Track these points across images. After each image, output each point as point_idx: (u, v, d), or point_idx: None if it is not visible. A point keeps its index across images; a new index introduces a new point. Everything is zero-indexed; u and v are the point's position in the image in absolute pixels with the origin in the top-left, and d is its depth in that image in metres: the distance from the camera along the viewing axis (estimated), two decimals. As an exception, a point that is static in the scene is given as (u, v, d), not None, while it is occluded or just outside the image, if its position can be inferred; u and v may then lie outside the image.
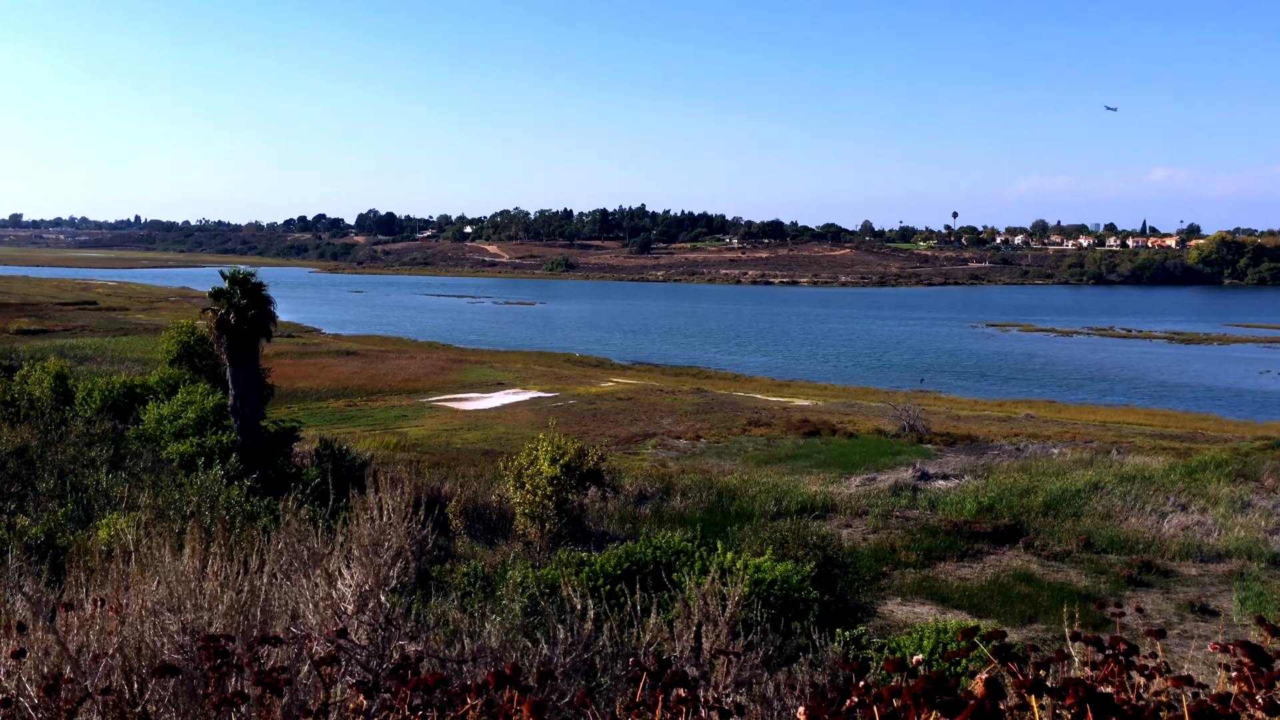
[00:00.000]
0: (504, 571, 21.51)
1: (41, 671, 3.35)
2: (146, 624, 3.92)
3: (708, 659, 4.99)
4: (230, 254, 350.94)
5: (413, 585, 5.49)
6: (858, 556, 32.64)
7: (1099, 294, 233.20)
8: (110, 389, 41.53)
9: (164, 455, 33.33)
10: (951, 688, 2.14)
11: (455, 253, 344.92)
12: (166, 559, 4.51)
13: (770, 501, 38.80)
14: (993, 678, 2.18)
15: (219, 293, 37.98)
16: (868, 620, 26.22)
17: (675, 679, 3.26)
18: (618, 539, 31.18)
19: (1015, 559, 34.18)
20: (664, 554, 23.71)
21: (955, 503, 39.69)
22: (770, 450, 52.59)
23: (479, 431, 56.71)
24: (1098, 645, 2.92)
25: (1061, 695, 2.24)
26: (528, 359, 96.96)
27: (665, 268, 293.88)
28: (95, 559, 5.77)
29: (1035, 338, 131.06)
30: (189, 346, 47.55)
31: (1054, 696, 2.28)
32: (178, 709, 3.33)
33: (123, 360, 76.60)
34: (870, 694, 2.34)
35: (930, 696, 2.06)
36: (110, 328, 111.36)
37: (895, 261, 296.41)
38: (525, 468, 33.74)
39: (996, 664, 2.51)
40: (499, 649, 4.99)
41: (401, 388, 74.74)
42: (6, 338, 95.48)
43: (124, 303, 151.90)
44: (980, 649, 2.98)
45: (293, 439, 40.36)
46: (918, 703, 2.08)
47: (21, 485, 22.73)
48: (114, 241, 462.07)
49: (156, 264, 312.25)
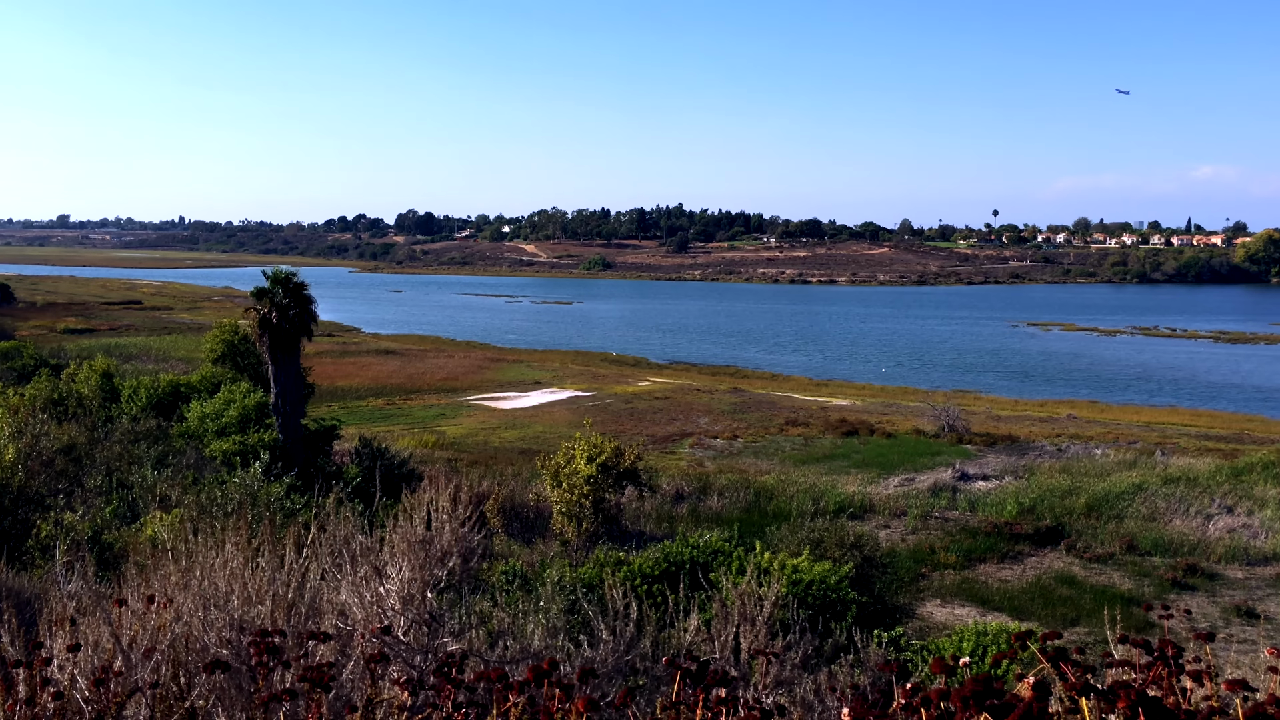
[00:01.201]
0: (542, 570, 21.59)
1: (93, 664, 3.42)
2: (194, 619, 3.98)
3: (747, 659, 4.99)
4: (272, 254, 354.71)
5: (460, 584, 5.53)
6: (896, 557, 32.43)
7: (1143, 293, 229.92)
8: (155, 387, 42.12)
9: (207, 453, 33.77)
10: (999, 690, 2.12)
11: (493, 252, 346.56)
12: (213, 555, 4.58)
13: (808, 501, 38.63)
14: (1041, 680, 2.16)
15: (261, 292, 38.42)
16: (906, 622, 26.04)
17: (715, 679, 3.26)
18: (655, 538, 31.19)
19: (1057, 561, 33.80)
20: (701, 554, 23.70)
21: (996, 504, 39.31)
22: (808, 450, 52.37)
23: (516, 430, 56.95)
24: (1145, 648, 2.88)
25: (1111, 698, 2.21)
26: (565, 358, 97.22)
27: (702, 267, 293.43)
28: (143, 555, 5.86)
29: (1078, 337, 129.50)
30: (232, 345, 48.15)
31: (1103, 699, 2.25)
32: (224, 703, 3.39)
33: (167, 359, 77.72)
34: (917, 696, 2.32)
35: (979, 699, 2.04)
36: (155, 327, 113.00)
37: (935, 260, 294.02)
38: (562, 466, 33.84)
39: (1046, 666, 2.48)
40: (541, 649, 5.01)
41: (440, 386, 75.21)
42: (54, 336, 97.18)
43: (168, 302, 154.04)
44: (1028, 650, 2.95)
45: (333, 437, 40.75)
46: (966, 705, 2.06)
47: (69, 482, 23.12)
48: (159, 242, 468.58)
49: (200, 264, 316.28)
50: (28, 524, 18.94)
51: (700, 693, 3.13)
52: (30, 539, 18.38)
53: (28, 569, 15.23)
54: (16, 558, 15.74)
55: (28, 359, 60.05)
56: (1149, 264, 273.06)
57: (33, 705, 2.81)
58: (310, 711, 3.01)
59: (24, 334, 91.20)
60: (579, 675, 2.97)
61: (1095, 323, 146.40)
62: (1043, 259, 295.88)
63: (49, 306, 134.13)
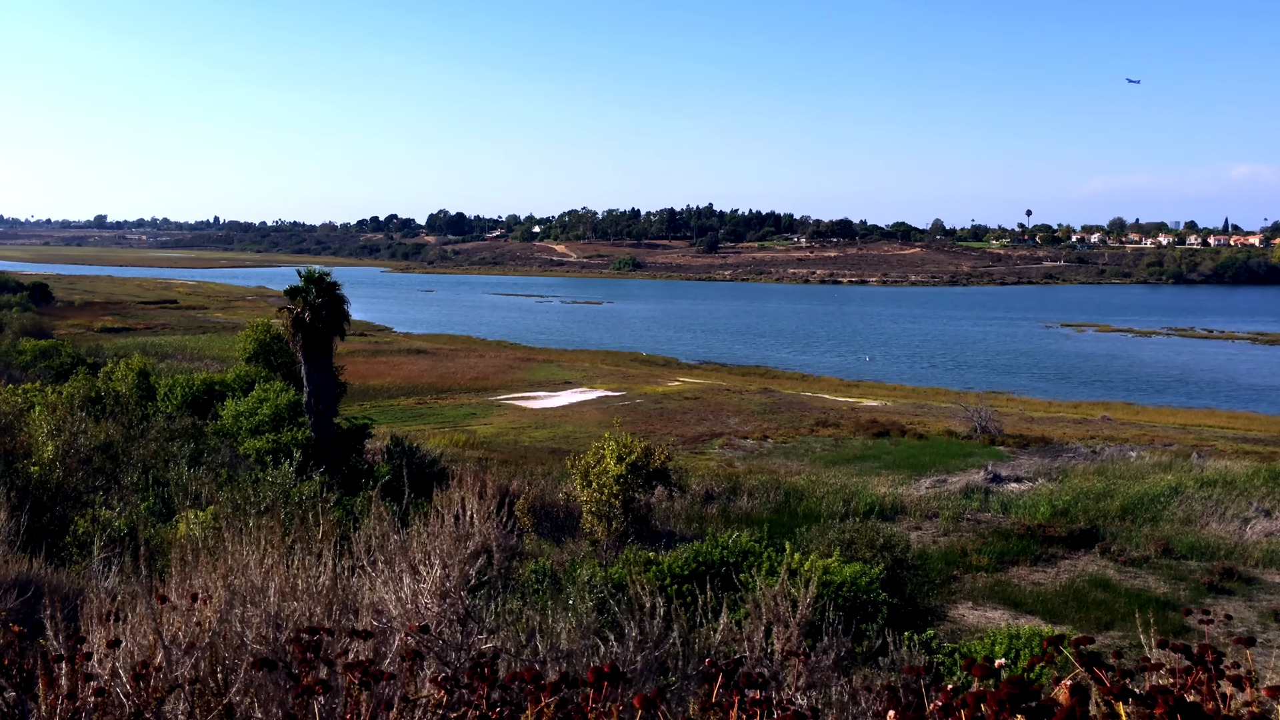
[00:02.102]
0: (572, 569, 21.63)
1: (133, 660, 3.46)
2: (232, 615, 4.03)
3: (779, 660, 4.98)
4: (305, 254, 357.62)
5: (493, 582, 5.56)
6: (927, 559, 32.21)
7: (1179, 293, 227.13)
8: (190, 386, 42.54)
9: (241, 451, 34.07)
10: (1036, 693, 2.10)
11: (524, 252, 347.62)
12: (250, 552, 4.63)
13: (838, 502, 38.46)
14: (1078, 683, 2.14)
15: (295, 291, 38.73)
16: (938, 624, 25.86)
17: (749, 680, 3.26)
18: (684, 538, 31.16)
19: (1091, 564, 33.46)
20: (731, 554, 23.65)
21: (1029, 506, 38.97)
22: (838, 451, 52.15)
23: (546, 430, 57.08)
24: (1185, 653, 2.85)
25: (1150, 703, 2.19)
26: (595, 358, 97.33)
27: (732, 267, 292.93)
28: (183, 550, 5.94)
29: (1113, 338, 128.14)
30: (265, 344, 48.54)
31: (1142, 704, 2.22)
32: (261, 699, 3.42)
33: (202, 358, 78.53)
34: (955, 698, 2.31)
35: (1016, 702, 2.03)
36: (190, 326, 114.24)
37: (967, 260, 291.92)
38: (592, 466, 33.87)
39: (1082, 670, 2.46)
40: (572, 648, 5.03)
41: (470, 386, 75.53)
42: (92, 335, 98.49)
43: (203, 301, 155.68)
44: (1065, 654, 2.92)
45: (365, 436, 40.99)
46: (1003, 708, 2.04)
47: (106, 479, 23.40)
48: (194, 242, 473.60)
49: (234, 264, 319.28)
50: (65, 520, 19.20)
51: (735, 693, 3.13)
52: (68, 535, 18.62)
53: (65, 565, 15.44)
54: (55, 553, 15.96)
55: (65, 357, 60.91)
56: (1185, 264, 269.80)
57: (74, 700, 2.85)
58: (348, 708, 3.03)
59: (62, 333, 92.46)
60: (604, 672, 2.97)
61: (1130, 324, 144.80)
62: (1077, 259, 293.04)
63: (86, 306, 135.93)
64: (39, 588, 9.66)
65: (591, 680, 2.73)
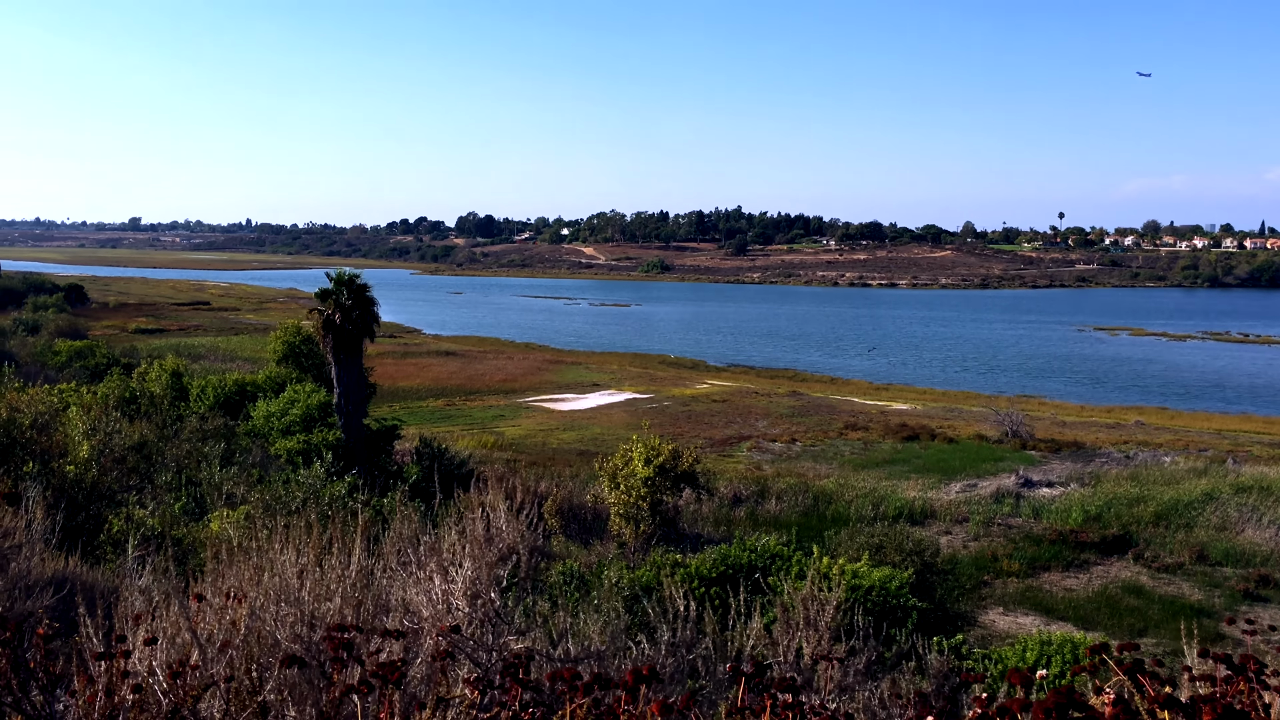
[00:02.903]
0: (599, 571, 21.64)
1: (169, 658, 3.49)
2: (266, 614, 4.06)
3: (809, 664, 4.95)
4: (335, 256, 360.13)
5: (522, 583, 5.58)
6: (958, 564, 32.00)
7: (1214, 297, 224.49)
8: (222, 387, 42.93)
9: (272, 451, 34.35)
10: (1084, 703, 2.07)
11: (552, 254, 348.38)
12: (282, 551, 4.66)
13: (867, 506, 38.28)
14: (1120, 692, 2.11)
15: (325, 293, 39.01)
16: (968, 630, 25.68)
17: (780, 684, 3.24)
18: (712, 541, 31.12)
19: (1124, 570, 33.11)
20: (759, 557, 23.58)
21: (1061, 511, 38.62)
22: (867, 454, 51.90)
23: (574, 432, 57.17)
24: (1226, 662, 2.81)
25: (1194, 713, 2.15)
26: (623, 360, 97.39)
27: (761, 270, 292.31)
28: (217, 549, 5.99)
29: (1147, 342, 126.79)
30: (295, 346, 48.91)
31: (1187, 714, 2.19)
32: (294, 698, 3.45)
33: (234, 359, 79.24)
34: (993, 707, 2.28)
35: (1062, 712, 2.00)
36: (222, 327, 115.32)
37: (998, 263, 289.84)
38: (620, 468, 33.87)
39: (1123, 678, 2.43)
40: (603, 649, 5.03)
41: (499, 388, 75.77)
42: (126, 336, 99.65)
43: (235, 303, 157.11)
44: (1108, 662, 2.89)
45: (394, 437, 41.21)
46: (1049, 717, 2.01)
47: (140, 479, 23.65)
48: (226, 244, 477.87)
49: (266, 265, 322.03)
50: (100, 519, 19.40)
51: (766, 698, 3.11)
52: (102, 534, 18.82)
53: (100, 563, 15.60)
54: (90, 552, 16.14)
55: (100, 358, 61.66)
56: (1221, 267, 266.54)
57: (112, 696, 2.88)
58: (382, 708, 3.05)
59: (97, 334, 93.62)
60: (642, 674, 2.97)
61: (1165, 328, 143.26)
62: (1110, 262, 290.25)
63: (121, 307, 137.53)
64: (74, 585, 9.76)
65: (630, 682, 2.73)
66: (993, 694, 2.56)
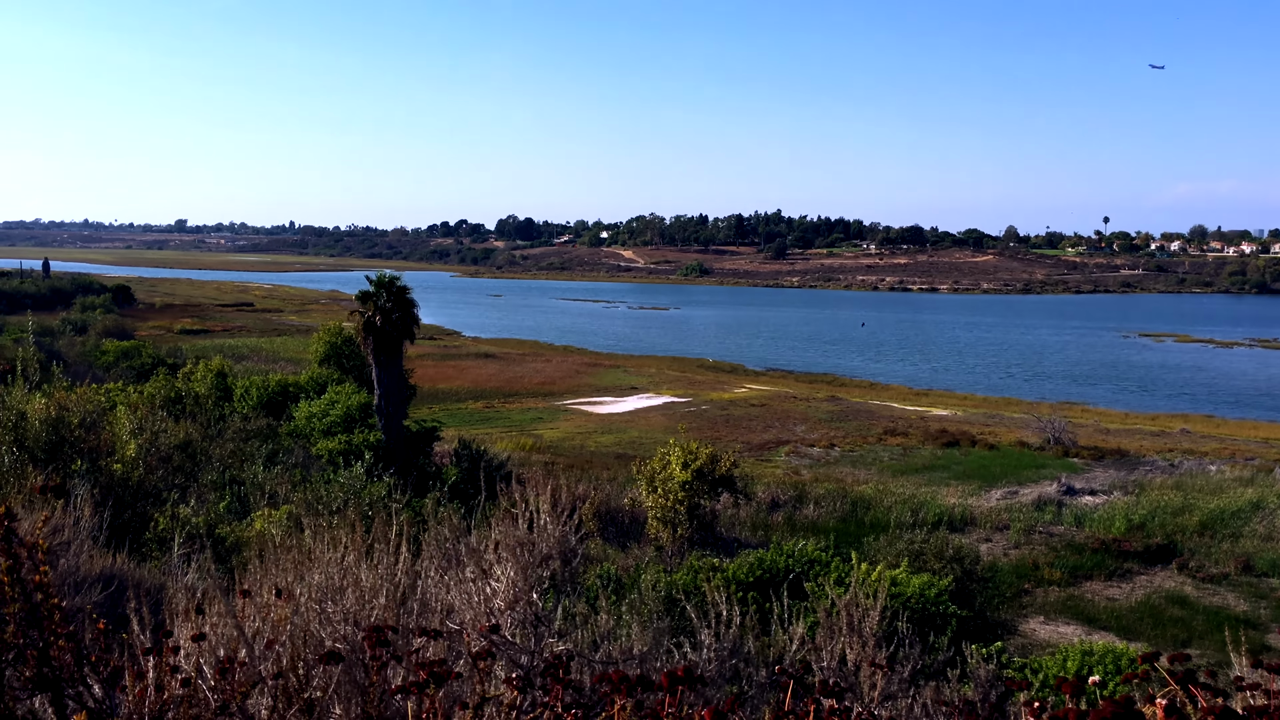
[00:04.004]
0: (637, 574, 21.65)
1: (217, 655, 3.54)
2: (311, 613, 4.10)
3: (852, 671, 4.93)
4: (377, 258, 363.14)
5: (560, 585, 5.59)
6: (998, 572, 31.68)
7: (1263, 303, 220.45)
8: (265, 387, 43.43)
9: (313, 451, 34.69)
10: (1138, 712, 2.04)
11: (591, 257, 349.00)
12: (328, 551, 4.71)
13: (906, 512, 37.99)
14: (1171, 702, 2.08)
15: (365, 295, 39.35)
16: (1008, 638, 25.42)
17: (824, 689, 3.23)
18: (749, 546, 31.04)
19: (1168, 580, 32.61)
20: (797, 562, 23.49)
21: (1103, 519, 38.11)
22: (906, 460, 51.51)
23: (612, 435, 57.21)
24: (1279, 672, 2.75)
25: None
26: (661, 364, 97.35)
27: (800, 274, 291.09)
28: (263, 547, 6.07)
29: (1193, 349, 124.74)
30: (337, 347, 49.40)
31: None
32: (340, 696, 3.48)
33: (276, 359, 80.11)
34: (1044, 716, 2.25)
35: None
36: (265, 328, 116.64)
37: (1041, 268, 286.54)
38: (658, 472, 33.87)
39: (1175, 688, 2.39)
40: (645, 651, 5.03)
41: (537, 390, 76.00)
42: (171, 337, 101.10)
43: (278, 304, 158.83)
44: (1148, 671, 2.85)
45: (433, 438, 41.47)
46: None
47: (184, 478, 23.97)
48: (270, 246, 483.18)
49: (308, 267, 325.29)
50: (146, 517, 19.68)
51: (810, 702, 3.10)
52: (148, 531, 19.09)
53: (146, 560, 15.83)
54: (136, 549, 16.38)
55: (146, 358, 62.62)
56: (1269, 273, 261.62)
57: (161, 691, 2.92)
58: (424, 707, 3.06)
59: (143, 334, 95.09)
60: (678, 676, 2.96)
61: (1212, 334, 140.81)
62: (1156, 268, 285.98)
63: (167, 308, 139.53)
64: (122, 582, 9.92)
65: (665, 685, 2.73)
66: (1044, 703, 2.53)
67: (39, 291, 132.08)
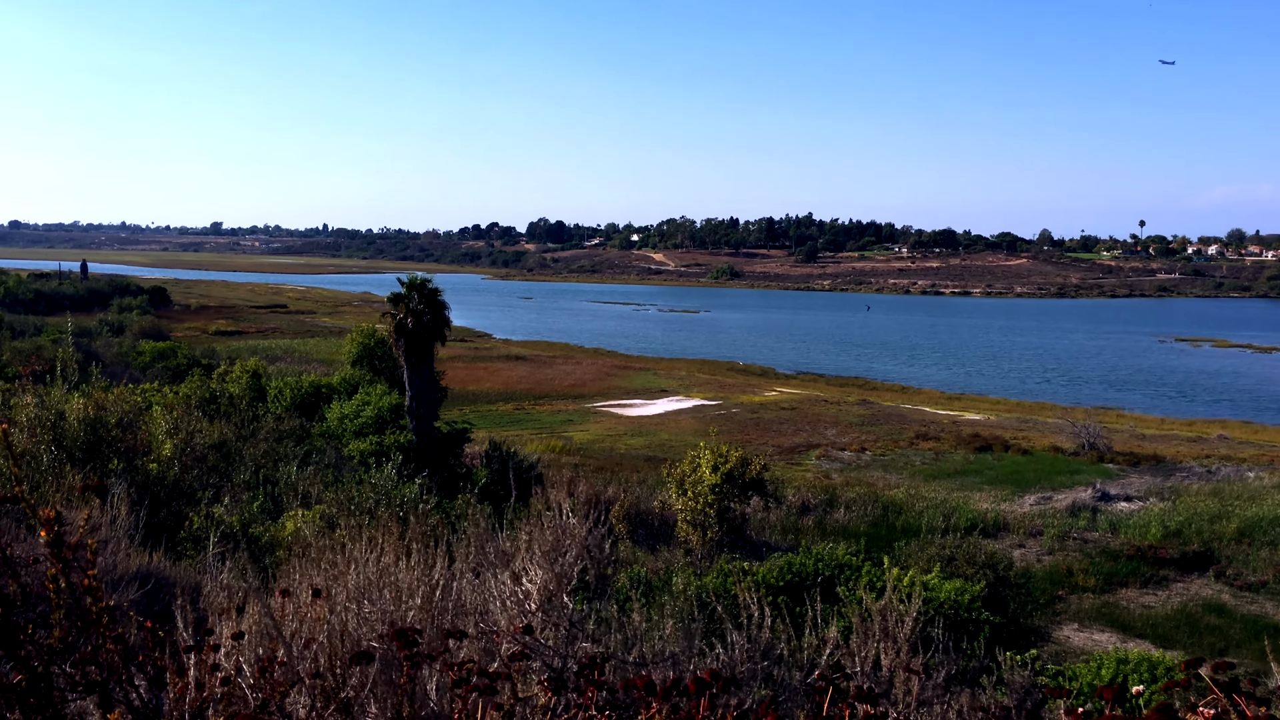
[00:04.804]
0: (667, 577, 21.64)
1: (256, 654, 3.58)
2: (348, 613, 4.14)
3: (886, 676, 4.90)
4: (408, 260, 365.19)
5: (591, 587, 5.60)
6: (1031, 578, 31.39)
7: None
8: (298, 388, 43.77)
9: (345, 452, 34.91)
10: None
11: (621, 260, 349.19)
12: (368, 551, 4.75)
13: (938, 517, 37.74)
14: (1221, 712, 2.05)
15: (397, 298, 39.62)
16: (1042, 645, 25.19)
17: (859, 694, 3.22)
18: (779, 549, 30.93)
19: (1205, 588, 32.18)
20: (826, 566, 23.40)
21: (1139, 526, 37.68)
22: (938, 465, 51.17)
23: (642, 438, 57.22)
24: (1325, 685, 2.71)
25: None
26: (691, 366, 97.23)
27: (831, 277, 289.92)
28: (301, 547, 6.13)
29: (1231, 354, 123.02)
30: (369, 349, 49.72)
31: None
32: (376, 696, 3.51)
33: (309, 361, 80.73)
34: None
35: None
36: (299, 330, 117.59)
37: (1075, 272, 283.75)
38: (688, 475, 33.84)
39: (1219, 696, 2.36)
40: (678, 653, 5.03)
41: (567, 393, 76.13)
42: (206, 338, 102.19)
43: (311, 306, 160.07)
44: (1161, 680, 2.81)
45: (464, 440, 41.64)
46: (1148, 736, 1.97)
47: (219, 477, 24.20)
48: (303, 248, 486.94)
49: (341, 269, 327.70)
50: (180, 516, 19.88)
51: (845, 707, 3.09)
52: (183, 530, 19.29)
53: (181, 559, 16.00)
54: (171, 548, 16.56)
55: (182, 359, 63.37)
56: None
57: (202, 690, 2.96)
58: (456, 708, 3.08)
59: (179, 335, 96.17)
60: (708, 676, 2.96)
61: (1251, 339, 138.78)
62: (1193, 272, 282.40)
63: (202, 309, 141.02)
64: (159, 580, 10.04)
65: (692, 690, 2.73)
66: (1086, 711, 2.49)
67: (77, 293, 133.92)
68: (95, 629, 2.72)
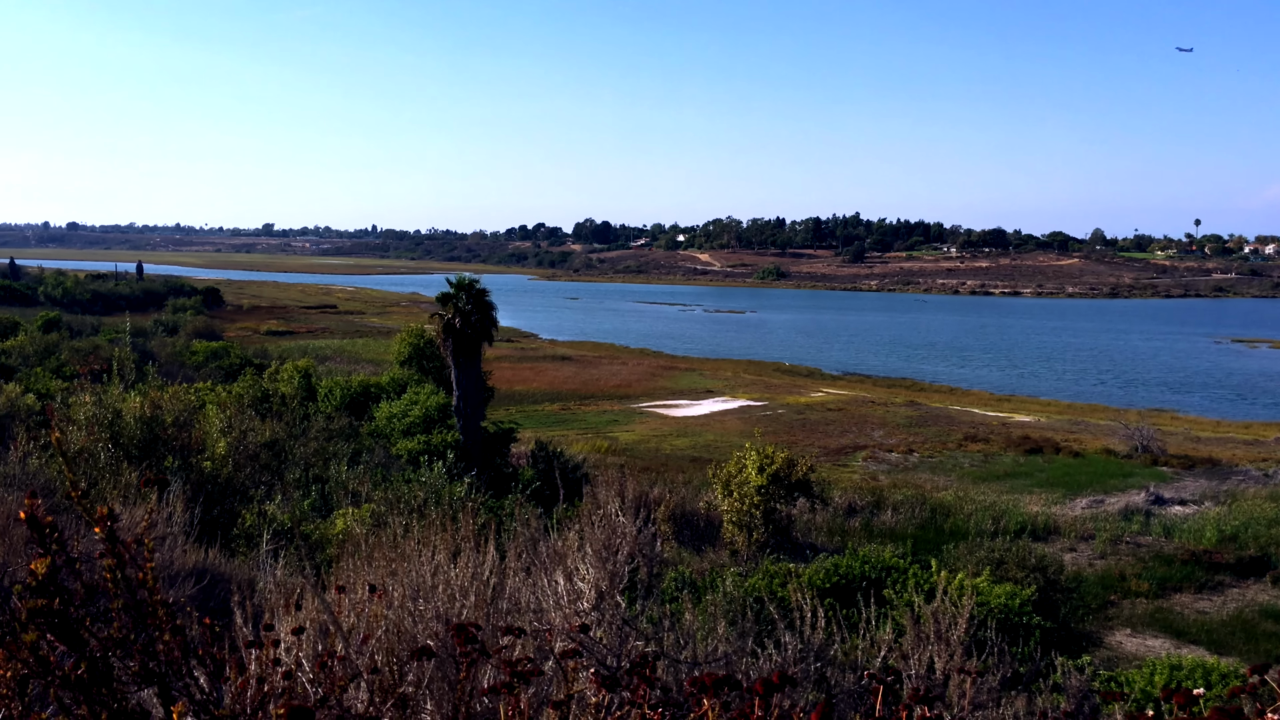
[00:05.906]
0: (712, 578, 21.61)
1: (315, 649, 3.64)
2: (404, 610, 4.19)
3: (940, 679, 4.87)
4: (456, 261, 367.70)
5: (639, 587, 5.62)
6: (1082, 582, 30.93)
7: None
8: (348, 387, 44.30)
9: (394, 451, 35.28)
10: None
11: (667, 261, 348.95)
12: (421, 549, 4.81)
13: (987, 520, 37.30)
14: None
15: (445, 298, 39.96)
16: (1093, 650, 24.81)
17: (914, 696, 3.20)
18: (825, 551, 30.77)
19: (1262, 593, 31.52)
20: (873, 569, 23.25)
21: (1193, 530, 37.00)
22: (987, 467, 50.60)
23: (688, 438, 57.18)
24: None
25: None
26: (737, 367, 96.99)
27: (879, 277, 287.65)
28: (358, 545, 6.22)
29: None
30: (418, 349, 50.18)
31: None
32: (433, 693, 3.55)
33: (358, 361, 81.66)
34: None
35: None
36: (348, 330, 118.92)
37: (1128, 272, 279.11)
38: (733, 476, 33.77)
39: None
40: (730, 652, 5.04)
41: (613, 393, 76.26)
42: (258, 338, 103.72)
43: (360, 307, 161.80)
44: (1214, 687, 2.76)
45: (510, 440, 41.89)
46: (1217, 741, 1.94)
47: (271, 475, 24.56)
48: (353, 249, 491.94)
49: (390, 270, 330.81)
50: (233, 513, 20.22)
51: (901, 709, 3.08)
52: (235, 527, 19.61)
53: (234, 555, 16.26)
54: (225, 545, 16.84)
55: (234, 358, 64.41)
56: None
57: (263, 684, 3.01)
58: (509, 705, 3.11)
59: (231, 335, 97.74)
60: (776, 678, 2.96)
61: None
62: (1250, 271, 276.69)
63: (254, 310, 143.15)
64: (214, 576, 10.23)
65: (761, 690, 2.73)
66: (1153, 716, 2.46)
67: (133, 293, 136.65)
68: (152, 620, 2.78)
